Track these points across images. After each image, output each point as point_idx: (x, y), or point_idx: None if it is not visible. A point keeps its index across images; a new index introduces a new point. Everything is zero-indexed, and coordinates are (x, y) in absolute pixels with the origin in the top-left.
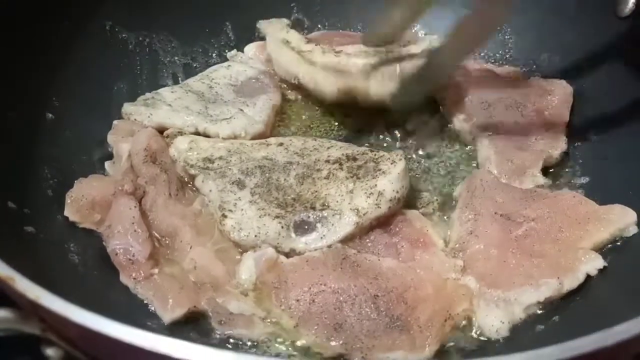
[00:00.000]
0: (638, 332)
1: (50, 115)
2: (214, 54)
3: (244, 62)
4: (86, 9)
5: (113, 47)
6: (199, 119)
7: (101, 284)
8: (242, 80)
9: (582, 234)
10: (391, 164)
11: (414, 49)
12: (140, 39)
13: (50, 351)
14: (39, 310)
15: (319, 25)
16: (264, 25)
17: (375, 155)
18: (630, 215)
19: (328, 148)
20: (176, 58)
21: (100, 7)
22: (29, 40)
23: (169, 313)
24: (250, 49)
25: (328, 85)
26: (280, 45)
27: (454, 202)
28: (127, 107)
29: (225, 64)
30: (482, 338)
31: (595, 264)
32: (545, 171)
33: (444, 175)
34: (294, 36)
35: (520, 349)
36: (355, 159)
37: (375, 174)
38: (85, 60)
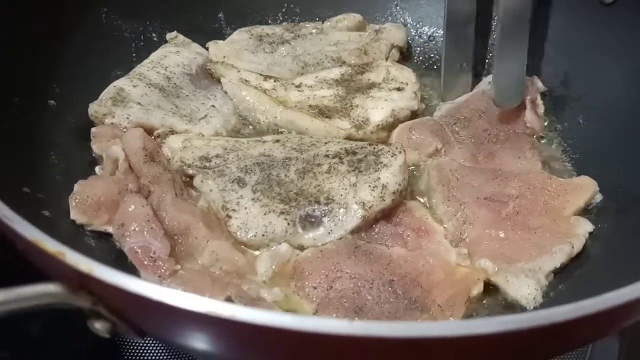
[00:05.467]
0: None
1: (52, 102)
2: (207, 41)
3: (186, 45)
4: None
5: (109, 35)
6: (175, 119)
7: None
8: (195, 69)
9: (564, 204)
10: (392, 156)
11: (373, 77)
12: (135, 26)
13: (98, 324)
14: (89, 283)
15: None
16: (215, 67)
17: (374, 148)
18: (594, 184)
19: (325, 143)
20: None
21: None
22: (28, 30)
23: None
24: None
25: (316, 130)
26: (241, 87)
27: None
28: (95, 107)
29: (173, 48)
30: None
31: (587, 227)
32: None
33: None
34: (250, 75)
35: None
36: (354, 153)
37: (377, 167)
38: (82, 47)
